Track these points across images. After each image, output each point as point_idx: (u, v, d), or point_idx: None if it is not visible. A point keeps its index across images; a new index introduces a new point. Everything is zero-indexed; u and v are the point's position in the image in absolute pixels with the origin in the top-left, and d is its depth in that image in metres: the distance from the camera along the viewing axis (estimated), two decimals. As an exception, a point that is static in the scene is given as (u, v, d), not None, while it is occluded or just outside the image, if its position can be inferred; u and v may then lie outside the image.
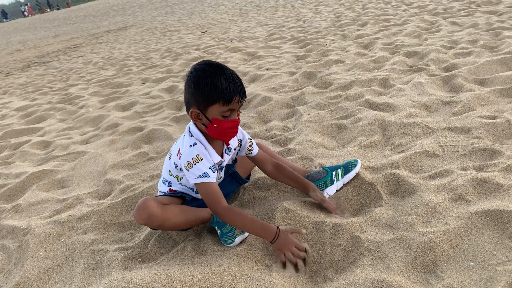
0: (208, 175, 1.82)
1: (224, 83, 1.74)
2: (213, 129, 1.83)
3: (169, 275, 1.68)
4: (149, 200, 1.85)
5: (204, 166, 1.83)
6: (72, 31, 20.45)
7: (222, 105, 1.77)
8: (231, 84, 1.75)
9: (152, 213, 1.81)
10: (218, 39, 8.59)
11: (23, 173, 3.22)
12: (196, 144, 1.87)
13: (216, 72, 1.76)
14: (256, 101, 3.90)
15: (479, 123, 2.50)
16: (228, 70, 1.79)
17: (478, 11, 5.85)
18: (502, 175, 1.93)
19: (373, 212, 1.93)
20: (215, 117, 1.80)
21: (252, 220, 1.78)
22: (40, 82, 7.78)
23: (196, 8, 18.60)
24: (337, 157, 2.50)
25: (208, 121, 1.82)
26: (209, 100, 1.77)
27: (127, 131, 3.85)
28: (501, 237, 1.59)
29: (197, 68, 1.80)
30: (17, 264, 2.12)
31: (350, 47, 5.26)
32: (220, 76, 1.75)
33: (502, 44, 4.00)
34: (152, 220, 1.83)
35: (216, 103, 1.77)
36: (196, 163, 1.82)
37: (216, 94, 1.75)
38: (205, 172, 1.82)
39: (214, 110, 1.79)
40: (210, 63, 1.80)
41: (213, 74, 1.75)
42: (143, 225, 1.88)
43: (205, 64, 1.80)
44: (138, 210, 1.82)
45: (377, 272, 1.57)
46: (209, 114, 1.80)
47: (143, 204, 1.82)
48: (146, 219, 1.82)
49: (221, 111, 1.78)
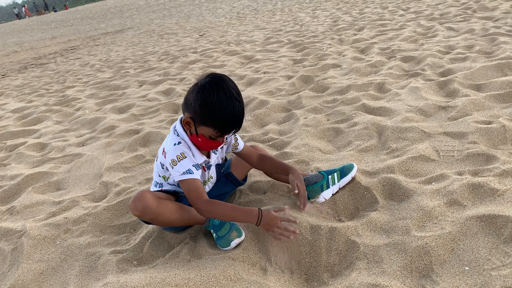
0: (192, 172, 1.84)
1: (229, 116, 1.73)
2: (196, 141, 1.87)
3: (164, 279, 1.68)
4: (146, 191, 1.86)
5: (187, 163, 1.85)
6: (70, 33, 20.43)
7: (215, 132, 1.79)
8: (234, 120, 1.75)
9: (147, 205, 1.82)
10: (215, 42, 8.61)
11: (18, 175, 3.21)
12: (180, 143, 1.89)
13: (226, 100, 1.71)
14: (253, 105, 3.91)
15: (474, 128, 2.51)
16: (239, 102, 1.75)
17: (474, 17, 5.89)
18: (497, 180, 1.94)
19: (369, 216, 1.93)
20: (204, 135, 1.82)
21: (232, 208, 1.81)
22: (36, 84, 7.76)
23: (193, 11, 18.63)
24: (333, 161, 2.51)
25: (195, 133, 1.84)
26: (206, 122, 1.77)
27: (123, 134, 3.84)
28: (496, 242, 1.60)
29: (212, 87, 1.73)
30: (12, 266, 2.10)
31: (347, 52, 5.28)
32: (228, 107, 1.72)
33: (498, 50, 4.03)
34: (146, 212, 1.83)
35: (211, 128, 1.78)
36: (180, 160, 1.84)
37: (215, 122, 1.75)
38: (189, 168, 1.84)
39: (206, 130, 1.80)
40: (226, 87, 1.73)
41: (223, 101, 1.71)
42: (137, 217, 1.88)
43: (221, 84, 1.73)
44: (134, 201, 1.83)
45: (372, 276, 1.57)
46: (199, 130, 1.82)
47: (139, 195, 1.84)
48: (141, 210, 1.82)
49: (211, 134, 1.81)
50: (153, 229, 2.14)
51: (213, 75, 1.78)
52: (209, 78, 1.77)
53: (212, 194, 2.16)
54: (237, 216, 1.81)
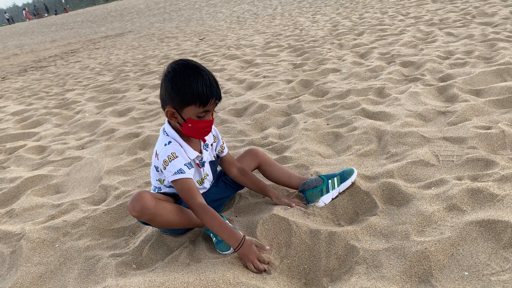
0: (184, 171, 1.86)
1: (201, 85, 1.77)
2: (188, 128, 1.87)
3: (163, 282, 1.67)
4: (144, 192, 1.86)
5: (179, 162, 1.86)
6: (70, 36, 20.47)
7: (198, 107, 1.81)
8: (207, 87, 1.78)
9: (145, 205, 1.82)
10: (215, 46, 8.62)
11: (18, 178, 3.21)
12: (170, 142, 1.91)
13: (193, 74, 1.78)
14: (253, 109, 3.91)
15: (474, 133, 2.52)
16: (206, 71, 1.82)
17: (473, 22, 5.91)
18: (496, 185, 1.95)
19: (368, 220, 1.93)
20: (190, 117, 1.84)
21: (220, 224, 1.80)
22: (36, 87, 7.76)
23: (194, 15, 18.68)
24: (333, 166, 2.51)
25: (183, 121, 1.86)
26: (185, 102, 1.80)
27: (123, 137, 3.84)
28: (496, 247, 1.60)
29: (175, 68, 1.82)
30: (11, 269, 2.10)
31: (346, 56, 5.29)
32: (198, 78, 1.77)
33: (497, 55, 4.04)
34: (144, 212, 1.83)
35: (192, 105, 1.81)
36: (171, 160, 1.86)
37: (193, 97, 1.78)
38: (180, 168, 1.85)
39: (190, 111, 1.83)
40: (188, 64, 1.82)
41: (191, 76, 1.78)
42: (135, 218, 1.88)
43: (183, 65, 1.82)
44: (132, 201, 1.83)
45: (372, 281, 1.57)
46: (185, 114, 1.84)
47: (137, 195, 1.84)
48: (139, 210, 1.82)
49: (197, 112, 1.83)
50: (152, 233, 2.14)
51: (171, 64, 1.86)
52: (169, 67, 1.85)
53: (212, 198, 2.16)
54: (221, 234, 1.80)
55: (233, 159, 2.24)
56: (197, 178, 2.06)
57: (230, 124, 3.67)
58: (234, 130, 3.50)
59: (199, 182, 2.07)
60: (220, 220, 1.81)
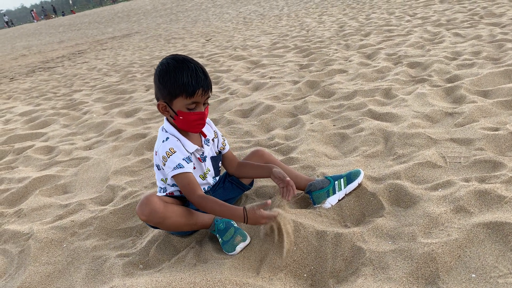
0: (183, 166, 1.88)
1: (187, 77, 1.81)
2: (180, 121, 1.91)
3: (170, 283, 1.68)
4: (152, 195, 1.87)
5: (177, 158, 1.89)
6: (77, 37, 20.60)
7: (185, 98, 1.84)
8: (193, 78, 1.81)
9: (154, 209, 1.83)
10: (222, 47, 8.64)
11: (26, 178, 3.23)
12: (168, 138, 1.94)
13: (179, 66, 1.82)
14: (259, 109, 3.92)
15: (481, 135, 2.50)
16: (193, 63, 1.85)
17: (481, 23, 5.88)
18: (504, 187, 1.94)
19: (375, 222, 1.93)
20: (180, 109, 1.87)
21: (221, 205, 1.82)
22: (44, 88, 7.82)
23: (200, 16, 18.72)
24: (340, 167, 2.51)
25: (174, 113, 1.89)
26: (173, 94, 1.84)
27: (130, 138, 3.86)
28: (503, 250, 1.59)
29: (163, 62, 1.87)
30: (19, 269, 2.12)
31: (353, 57, 5.28)
32: (183, 70, 1.81)
33: (505, 56, 4.01)
34: (153, 216, 1.84)
35: (179, 96, 1.84)
36: (170, 156, 1.89)
37: (178, 88, 1.82)
38: (179, 163, 1.88)
39: (179, 103, 1.86)
40: (175, 57, 1.86)
41: (176, 68, 1.82)
42: (144, 222, 1.89)
43: (171, 58, 1.87)
44: (141, 206, 1.85)
45: (378, 283, 1.57)
46: (175, 107, 1.88)
47: (146, 200, 1.85)
48: (147, 214, 1.83)
49: (185, 104, 1.86)
50: (159, 233, 2.15)
51: (162, 59, 1.91)
52: (160, 62, 1.90)
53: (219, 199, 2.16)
54: (223, 212, 1.83)
55: (234, 157, 2.25)
56: (199, 173, 2.07)
57: (236, 125, 3.68)
58: (240, 131, 3.50)
59: (202, 177, 2.08)
60: (219, 203, 1.83)
